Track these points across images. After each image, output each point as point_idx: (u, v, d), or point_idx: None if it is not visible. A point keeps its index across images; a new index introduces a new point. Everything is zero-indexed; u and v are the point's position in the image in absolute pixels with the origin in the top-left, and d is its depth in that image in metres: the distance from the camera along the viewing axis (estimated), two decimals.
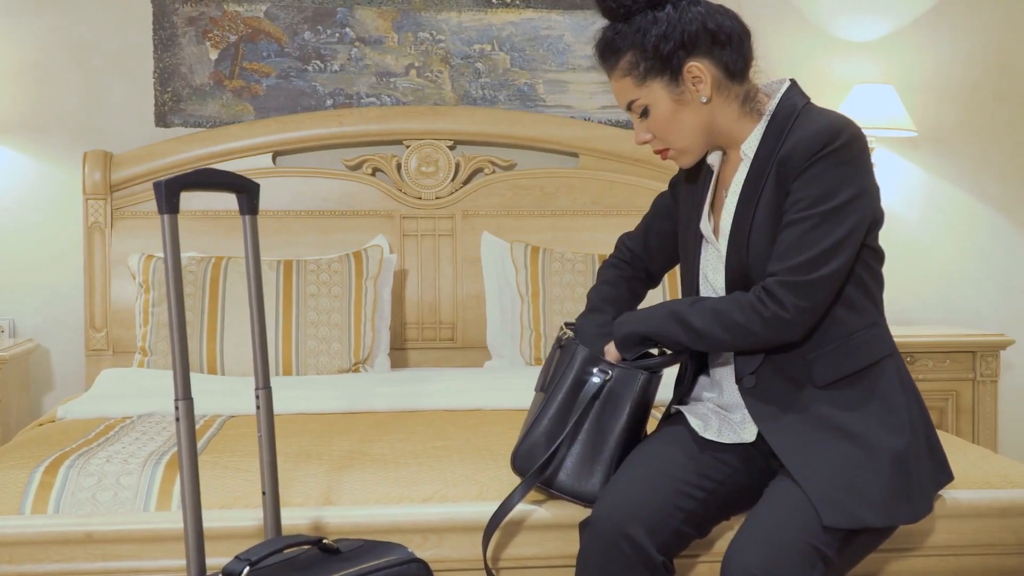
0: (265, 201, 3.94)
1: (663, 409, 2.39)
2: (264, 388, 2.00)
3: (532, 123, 4.17)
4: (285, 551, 1.88)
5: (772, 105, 2.12)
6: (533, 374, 3.40)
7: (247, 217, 1.99)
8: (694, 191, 2.27)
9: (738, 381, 2.13)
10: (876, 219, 2.09)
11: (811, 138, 2.00)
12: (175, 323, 1.83)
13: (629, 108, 2.14)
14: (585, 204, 4.17)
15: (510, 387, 3.23)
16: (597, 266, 3.79)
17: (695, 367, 2.28)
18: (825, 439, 2.03)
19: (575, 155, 4.22)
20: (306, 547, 1.92)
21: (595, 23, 4.19)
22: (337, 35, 4.15)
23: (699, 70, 2.07)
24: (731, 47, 2.09)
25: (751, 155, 2.11)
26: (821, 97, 3.94)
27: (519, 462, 2.27)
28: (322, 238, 4.00)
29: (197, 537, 1.86)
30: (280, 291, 3.62)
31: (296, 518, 2.21)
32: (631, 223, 4.13)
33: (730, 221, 2.13)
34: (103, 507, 2.27)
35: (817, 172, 1.99)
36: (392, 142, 4.14)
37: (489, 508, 2.27)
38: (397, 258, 4.00)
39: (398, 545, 1.98)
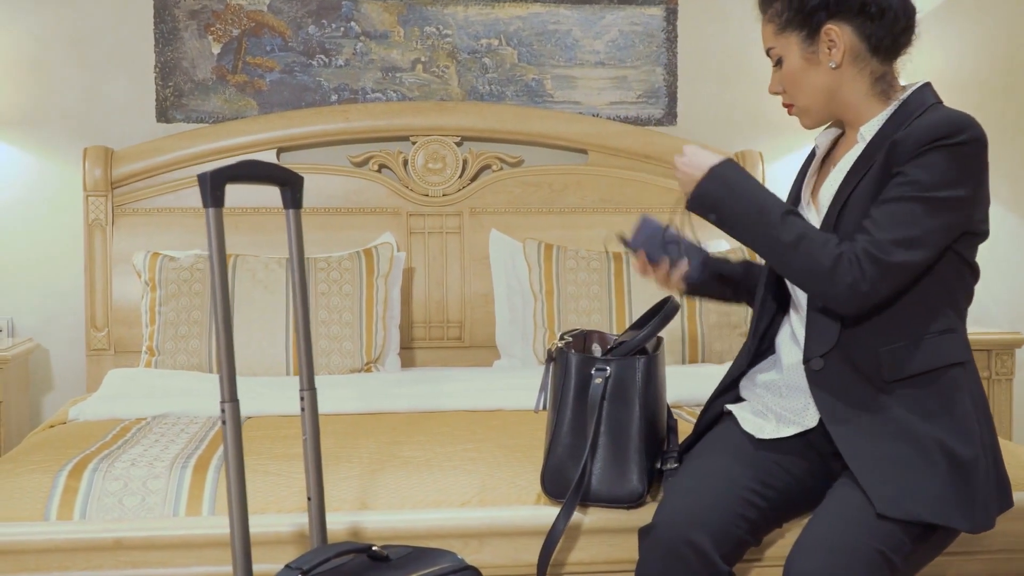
0: (268, 198, 3.88)
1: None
2: (309, 389, 1.93)
3: (540, 119, 4.10)
4: (333, 559, 1.81)
5: (903, 95, 2.08)
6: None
7: (291, 211, 1.92)
8: (803, 170, 2.26)
9: (805, 362, 2.07)
10: (974, 231, 2.02)
11: (932, 126, 1.94)
12: (221, 322, 1.76)
13: (768, 55, 2.16)
14: (594, 201, 4.11)
15: (530, 387, 3.12)
16: (612, 264, 3.74)
17: (752, 353, 2.23)
18: (885, 435, 1.98)
19: (584, 152, 4.16)
20: (353, 554, 1.85)
21: (603, 17, 4.20)
22: (342, 29, 4.08)
23: (836, 34, 2.05)
24: (881, 22, 2.05)
25: (868, 138, 2.07)
26: None
27: (549, 485, 2.25)
28: (327, 236, 3.91)
29: (244, 544, 1.79)
30: (290, 289, 3.54)
31: (333, 523, 2.14)
32: None
33: (830, 195, 2.09)
34: (131, 512, 2.20)
35: (933, 160, 1.93)
36: (398, 138, 4.07)
37: (530, 512, 2.23)
38: (404, 256, 3.93)
39: (448, 552, 1.92)
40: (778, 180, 4.15)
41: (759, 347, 2.24)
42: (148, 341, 3.52)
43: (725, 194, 2.02)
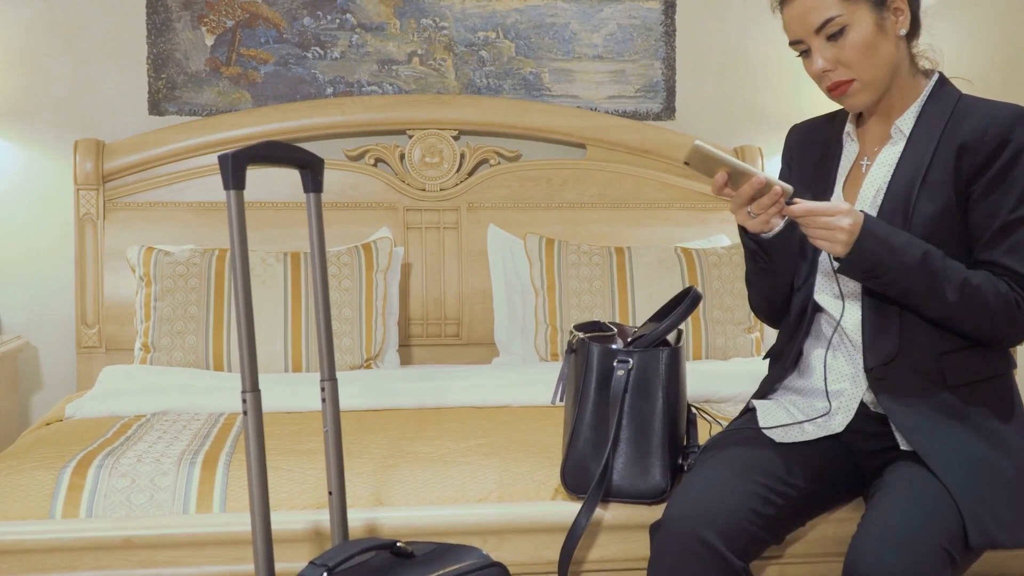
0: (264, 192, 3.82)
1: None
2: (330, 380, 1.87)
3: (539, 113, 4.04)
4: (357, 556, 1.75)
5: (929, 86, 2.07)
6: (554, 369, 3.31)
7: (311, 195, 1.86)
8: (821, 165, 2.18)
9: (868, 370, 2.02)
10: None
11: (1006, 126, 1.94)
12: (243, 309, 1.70)
13: (821, 28, 2.00)
14: (592, 196, 4.05)
15: (535, 383, 3.10)
16: (614, 259, 3.69)
17: (795, 355, 2.17)
18: (959, 433, 1.95)
19: (582, 146, 4.11)
20: (377, 551, 1.79)
21: (602, 11, 4.15)
22: (337, 21, 4.01)
23: (902, 1, 2.02)
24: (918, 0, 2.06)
25: (906, 132, 2.04)
26: (823, 92, 3.87)
27: (570, 479, 2.20)
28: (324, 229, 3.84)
29: (266, 539, 1.73)
30: (288, 284, 3.47)
31: (350, 520, 2.07)
32: (639, 216, 4.09)
33: (874, 193, 2.05)
34: (139, 510, 2.13)
35: None
36: (395, 132, 4.00)
37: (550, 508, 2.18)
38: (402, 251, 3.86)
39: (473, 548, 1.87)
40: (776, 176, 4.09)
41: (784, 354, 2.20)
42: (143, 338, 3.44)
43: (883, 252, 1.91)
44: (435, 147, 3.98)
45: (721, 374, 3.19)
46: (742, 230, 2.07)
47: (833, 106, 2.18)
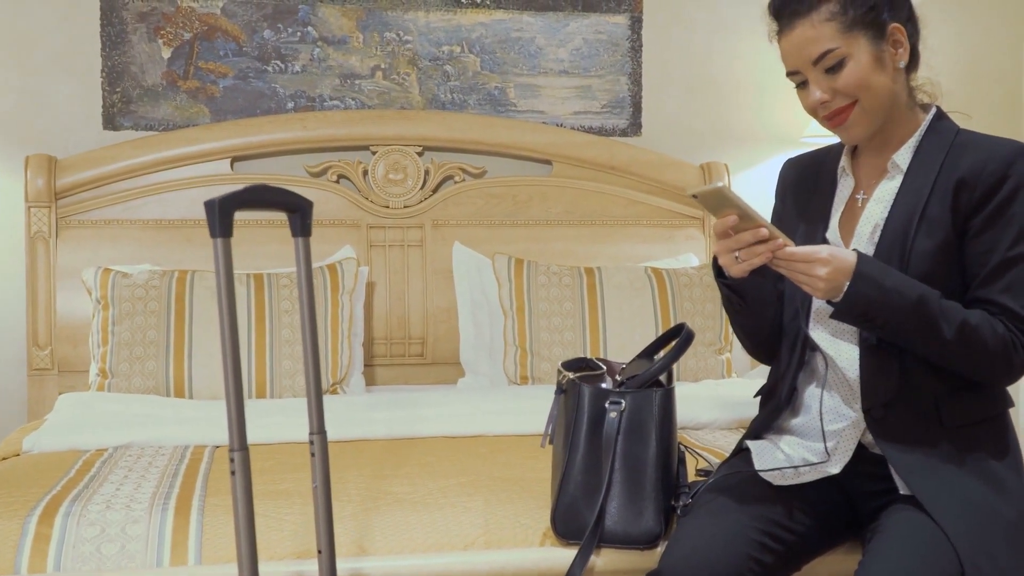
0: None
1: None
2: (319, 433, 1.78)
3: (505, 129, 3.97)
4: None
5: (926, 120, 2.02)
6: (525, 394, 3.28)
7: (300, 239, 1.77)
8: (816, 200, 2.13)
9: (866, 411, 1.98)
10: None
11: (1006, 162, 1.90)
12: (230, 364, 1.61)
13: (819, 60, 1.96)
14: (559, 213, 4.00)
15: (509, 411, 3.04)
16: (584, 280, 3.63)
17: (788, 392, 2.11)
18: (957, 477, 1.91)
19: (548, 162, 4.05)
20: None
21: (568, 25, 4.09)
22: (299, 34, 3.91)
23: (901, 34, 1.97)
24: (917, 32, 2.01)
25: (903, 167, 2.00)
26: (789, 110, 3.84)
27: (560, 525, 2.12)
28: (285, 249, 3.75)
29: None
30: (252, 307, 3.36)
31: None
32: (605, 233, 4.04)
33: (871, 230, 2.01)
34: (110, 561, 2.03)
35: None
36: (358, 148, 3.91)
37: (540, 555, 2.12)
38: (367, 271, 3.77)
39: None
40: (742, 192, 4.06)
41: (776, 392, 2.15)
42: (101, 363, 3.32)
43: (877, 294, 1.87)
44: (399, 163, 3.90)
45: (696, 399, 3.14)
46: (717, 271, 2.03)
47: (793, 127, 2.13)
